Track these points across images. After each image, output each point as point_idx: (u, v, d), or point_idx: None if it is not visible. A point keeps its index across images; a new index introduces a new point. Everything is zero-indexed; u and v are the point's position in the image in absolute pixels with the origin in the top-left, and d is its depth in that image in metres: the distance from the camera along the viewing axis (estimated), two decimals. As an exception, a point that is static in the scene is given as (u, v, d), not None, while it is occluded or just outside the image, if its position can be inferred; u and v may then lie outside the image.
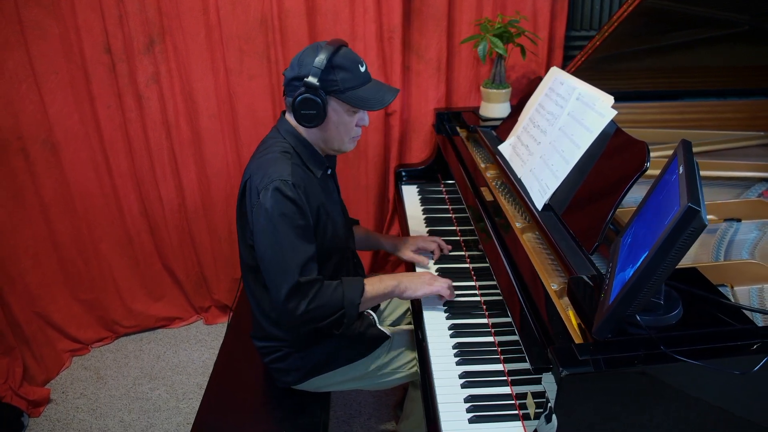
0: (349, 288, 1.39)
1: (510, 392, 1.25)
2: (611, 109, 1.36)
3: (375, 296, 1.44)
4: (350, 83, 1.34)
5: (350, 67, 1.34)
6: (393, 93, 1.40)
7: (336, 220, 1.50)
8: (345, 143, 1.44)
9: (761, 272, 1.28)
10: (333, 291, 1.37)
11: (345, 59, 1.34)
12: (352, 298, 1.38)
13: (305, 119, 1.34)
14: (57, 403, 2.27)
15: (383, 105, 1.38)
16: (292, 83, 1.34)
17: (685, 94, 2.13)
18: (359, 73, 1.36)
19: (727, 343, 0.96)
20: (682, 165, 0.97)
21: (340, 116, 1.38)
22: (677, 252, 0.85)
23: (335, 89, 1.33)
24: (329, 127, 1.39)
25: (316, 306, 1.34)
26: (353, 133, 1.43)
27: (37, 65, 2.09)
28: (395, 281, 1.47)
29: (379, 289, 1.44)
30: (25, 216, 2.25)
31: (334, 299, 1.36)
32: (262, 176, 1.33)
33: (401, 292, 1.47)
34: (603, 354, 0.95)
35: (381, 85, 1.40)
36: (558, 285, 1.23)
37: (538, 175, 1.52)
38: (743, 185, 1.71)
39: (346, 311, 1.37)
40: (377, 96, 1.37)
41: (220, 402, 1.58)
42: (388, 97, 1.39)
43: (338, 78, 1.32)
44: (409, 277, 1.50)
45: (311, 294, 1.33)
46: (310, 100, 1.31)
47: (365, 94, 1.36)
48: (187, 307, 2.68)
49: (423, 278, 1.49)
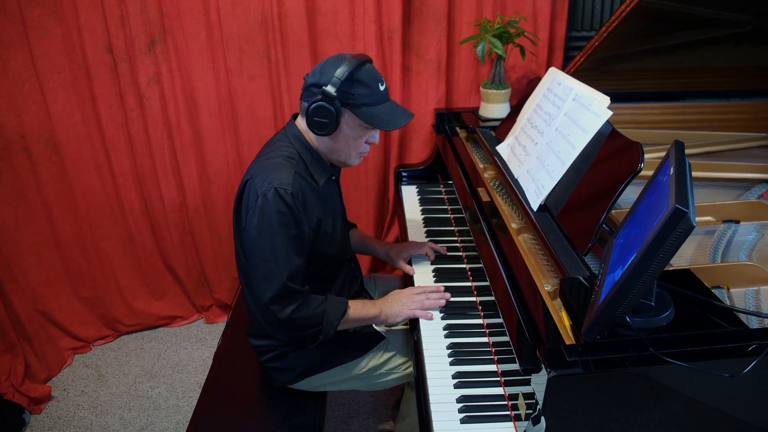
0: (332, 307, 1.41)
1: (503, 393, 1.24)
2: (607, 109, 1.35)
3: (356, 320, 1.48)
4: (367, 99, 1.34)
5: (370, 83, 1.34)
6: (407, 117, 1.40)
7: (334, 232, 1.50)
8: (351, 157, 1.45)
9: (758, 274, 1.27)
10: (317, 306, 1.39)
11: (366, 75, 1.34)
12: (332, 319, 1.40)
13: (317, 126, 1.34)
14: (58, 400, 2.28)
15: (395, 127, 1.38)
16: (311, 89, 1.35)
17: (687, 95, 2.11)
18: (378, 91, 1.36)
19: (717, 346, 0.96)
20: (673, 166, 0.96)
21: (352, 130, 1.38)
22: (665, 253, 0.85)
23: (351, 103, 1.33)
24: (339, 139, 1.40)
25: (300, 316, 1.36)
26: (361, 149, 1.44)
27: (39, 65, 2.11)
28: (377, 310, 1.50)
29: (360, 314, 1.48)
30: (27, 214, 2.27)
31: (315, 314, 1.39)
32: (263, 180, 1.33)
33: (383, 320, 1.51)
34: (592, 355, 0.94)
35: (397, 107, 1.41)
36: (552, 286, 1.23)
37: (534, 176, 1.51)
38: (744, 186, 1.70)
39: (323, 328, 1.40)
40: (391, 117, 1.37)
41: (217, 401, 1.58)
42: (402, 121, 1.39)
43: (356, 92, 1.33)
44: (389, 304, 1.52)
45: (297, 302, 1.36)
46: (324, 109, 1.31)
47: (379, 113, 1.36)
48: (188, 306, 2.69)
49: (402, 303, 1.51)
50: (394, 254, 1.74)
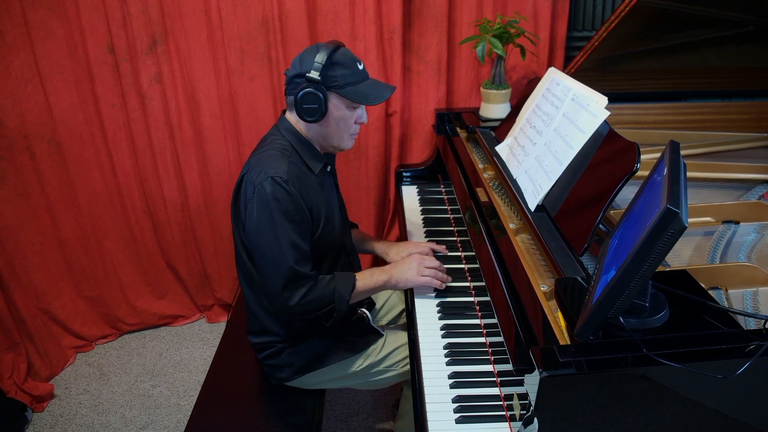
0: (341, 283, 1.45)
1: (498, 393, 1.24)
2: (604, 110, 1.35)
3: (366, 290, 1.51)
4: (349, 79, 1.39)
5: (349, 64, 1.39)
6: (390, 90, 1.46)
7: (333, 218, 1.52)
8: (345, 140, 1.48)
9: (756, 275, 1.26)
10: (326, 285, 1.43)
11: (344, 56, 1.39)
12: (343, 293, 1.44)
13: (307, 113, 1.38)
14: (60, 398, 2.30)
15: (381, 100, 1.43)
16: (294, 81, 1.39)
17: (689, 95, 2.10)
18: (357, 70, 1.41)
19: (711, 347, 0.95)
20: (668, 166, 0.96)
21: (341, 111, 1.42)
22: (657, 254, 0.84)
23: (335, 84, 1.38)
24: (329, 123, 1.43)
25: (310, 299, 1.40)
26: (352, 130, 1.48)
27: (42, 65, 2.12)
28: (386, 276, 1.53)
29: (369, 284, 1.50)
30: (30, 213, 2.28)
31: (326, 293, 1.42)
32: (259, 172, 1.36)
33: (393, 285, 1.54)
34: (585, 356, 0.94)
35: (378, 83, 1.46)
36: (548, 287, 1.23)
37: (532, 176, 1.51)
38: (745, 187, 1.69)
39: (336, 305, 1.44)
40: (375, 92, 1.43)
41: (217, 399, 1.59)
42: (386, 93, 1.44)
43: (338, 74, 1.37)
44: (399, 269, 1.54)
45: (307, 286, 1.39)
46: (312, 94, 1.36)
47: (363, 90, 1.41)
48: (190, 305, 2.70)
49: (412, 268, 1.53)
50: (393, 253, 1.74)
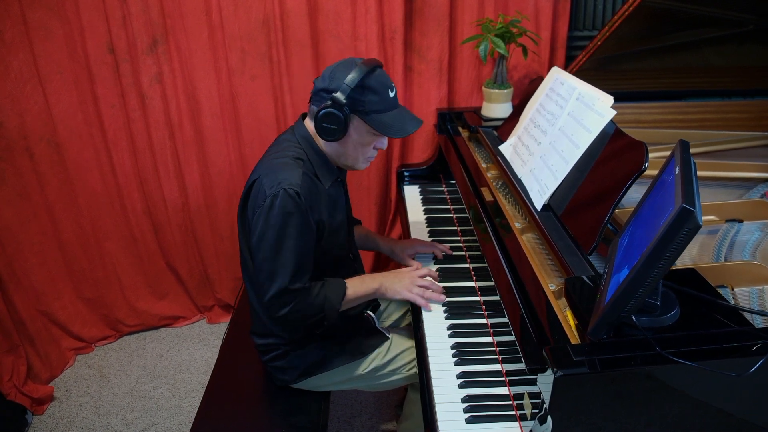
0: (331, 291, 1.42)
1: (507, 393, 1.25)
2: (611, 109, 1.35)
3: (357, 297, 1.48)
4: (377, 106, 1.34)
5: (380, 90, 1.34)
6: (416, 124, 1.40)
7: (339, 233, 1.51)
8: (359, 162, 1.45)
9: (762, 273, 1.27)
10: (316, 295, 1.40)
11: (377, 82, 1.34)
12: (333, 302, 1.42)
13: (325, 132, 1.34)
14: (60, 401, 2.28)
15: (404, 134, 1.38)
16: (320, 93, 1.35)
17: (690, 94, 2.11)
18: (388, 97, 1.36)
19: (724, 345, 0.96)
20: (679, 165, 0.96)
21: (361, 136, 1.38)
22: (672, 253, 0.85)
23: (361, 110, 1.33)
24: (347, 144, 1.40)
25: (299, 309, 1.37)
26: (369, 154, 1.45)
27: (41, 65, 2.11)
28: (376, 284, 1.50)
29: (359, 291, 1.48)
30: (30, 215, 2.27)
31: (316, 302, 1.40)
32: (272, 180, 1.33)
33: (382, 293, 1.52)
34: (598, 355, 0.94)
35: (405, 114, 1.41)
36: (556, 286, 1.23)
37: (537, 176, 1.51)
38: (746, 186, 1.70)
39: (326, 314, 1.41)
40: (400, 124, 1.37)
41: (221, 400, 1.58)
42: (410, 128, 1.38)
43: (366, 99, 1.33)
44: (391, 279, 1.52)
45: (295, 300, 1.36)
46: (333, 115, 1.31)
47: (389, 120, 1.36)
48: (191, 306, 2.69)
49: (403, 281, 1.52)
50: (399, 250, 1.74)
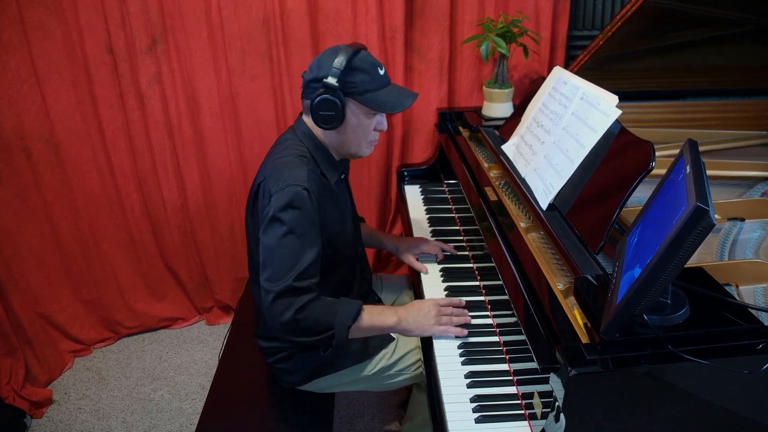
0: (345, 308, 1.32)
1: (516, 392, 1.25)
2: (616, 108, 1.35)
3: (372, 327, 1.38)
4: (369, 85, 1.33)
5: (369, 69, 1.33)
6: (412, 97, 1.39)
7: (345, 231, 1.49)
8: (362, 147, 1.43)
9: (766, 271, 1.28)
10: (328, 307, 1.31)
11: (364, 62, 1.33)
12: (345, 319, 1.30)
13: (323, 120, 1.33)
14: (59, 404, 2.26)
15: (402, 108, 1.37)
16: (311, 85, 1.34)
17: (689, 94, 2.13)
18: (378, 75, 1.35)
19: (735, 343, 0.96)
20: (689, 164, 0.97)
21: (359, 119, 1.37)
22: (685, 251, 0.85)
23: (354, 91, 1.32)
24: (347, 130, 1.38)
25: (305, 317, 1.27)
26: (371, 137, 1.43)
27: (39, 65, 2.09)
28: (396, 317, 1.39)
29: (377, 321, 1.37)
30: (28, 216, 2.25)
31: (326, 315, 1.30)
32: (277, 179, 1.32)
33: (404, 330, 1.40)
34: (611, 353, 0.95)
35: (400, 89, 1.40)
36: (563, 285, 1.23)
37: (542, 175, 1.52)
38: (746, 185, 1.71)
39: (335, 332, 1.30)
40: (396, 99, 1.36)
41: (224, 402, 1.57)
42: (407, 101, 1.38)
43: (357, 80, 1.32)
44: (414, 315, 1.40)
45: (302, 302, 1.27)
46: (328, 101, 1.30)
47: (384, 97, 1.35)
48: (190, 308, 2.68)
49: (428, 317, 1.40)
50: (404, 249, 1.73)
